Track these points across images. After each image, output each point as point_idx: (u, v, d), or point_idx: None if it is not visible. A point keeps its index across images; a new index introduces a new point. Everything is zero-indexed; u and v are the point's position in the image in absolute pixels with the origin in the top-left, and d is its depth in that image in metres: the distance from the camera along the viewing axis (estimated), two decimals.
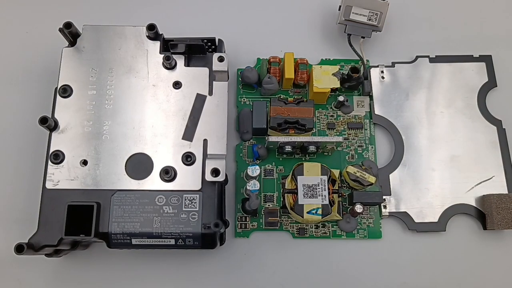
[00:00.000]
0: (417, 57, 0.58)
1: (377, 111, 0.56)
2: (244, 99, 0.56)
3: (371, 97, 0.56)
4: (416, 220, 0.52)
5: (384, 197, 0.52)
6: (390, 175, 0.53)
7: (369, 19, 0.55)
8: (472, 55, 0.58)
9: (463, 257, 0.52)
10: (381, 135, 0.56)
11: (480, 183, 0.53)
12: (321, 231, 0.52)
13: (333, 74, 0.53)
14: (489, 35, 0.60)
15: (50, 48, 0.55)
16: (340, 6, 0.56)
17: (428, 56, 0.58)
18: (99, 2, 0.60)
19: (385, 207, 0.52)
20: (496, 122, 0.55)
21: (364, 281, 0.51)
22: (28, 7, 0.59)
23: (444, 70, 0.57)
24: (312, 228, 0.52)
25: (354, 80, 0.54)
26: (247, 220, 0.51)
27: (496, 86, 0.57)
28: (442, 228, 0.52)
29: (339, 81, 0.53)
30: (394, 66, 0.57)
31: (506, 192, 0.53)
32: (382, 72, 0.57)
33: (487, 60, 0.58)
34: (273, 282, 0.50)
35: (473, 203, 0.53)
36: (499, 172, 0.54)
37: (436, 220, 0.52)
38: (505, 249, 0.51)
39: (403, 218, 0.52)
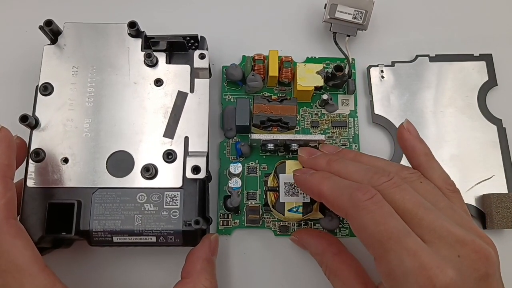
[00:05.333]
0: (417, 56, 0.57)
1: (376, 110, 0.55)
2: (228, 96, 0.55)
3: (371, 96, 0.55)
4: None
5: None
6: None
7: (355, 18, 0.55)
8: (473, 54, 0.57)
9: None
10: (380, 134, 0.55)
11: (480, 182, 0.52)
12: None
13: (317, 73, 0.52)
14: (489, 34, 0.59)
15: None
16: (325, 4, 0.55)
17: (428, 55, 0.57)
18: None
19: None
20: (497, 121, 0.54)
21: None
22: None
23: (444, 69, 0.56)
24: (294, 226, 0.51)
25: (338, 78, 0.53)
26: (229, 218, 0.51)
27: (497, 85, 0.56)
28: None
29: (323, 80, 0.52)
30: (394, 66, 0.56)
31: (506, 191, 0.52)
32: (382, 71, 0.56)
33: (487, 59, 0.57)
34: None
35: (473, 203, 0.52)
36: (499, 172, 0.52)
37: None
38: (505, 249, 0.49)
39: None
